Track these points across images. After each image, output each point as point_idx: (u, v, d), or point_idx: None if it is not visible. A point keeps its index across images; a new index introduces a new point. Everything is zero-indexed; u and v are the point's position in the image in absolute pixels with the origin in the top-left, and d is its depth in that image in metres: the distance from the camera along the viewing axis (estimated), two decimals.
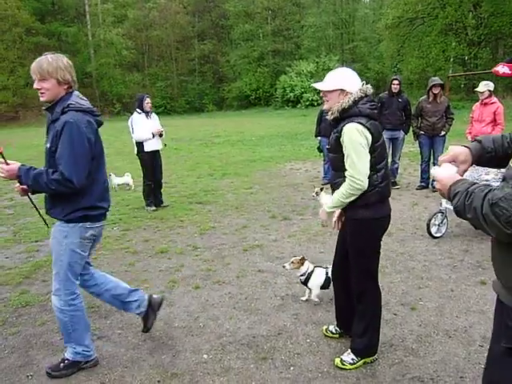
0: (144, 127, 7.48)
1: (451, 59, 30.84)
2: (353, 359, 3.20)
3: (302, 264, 4.16)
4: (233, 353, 3.43)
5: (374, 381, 3.04)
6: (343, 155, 2.94)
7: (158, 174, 7.81)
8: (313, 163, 11.78)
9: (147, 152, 7.54)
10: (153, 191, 7.78)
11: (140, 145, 7.56)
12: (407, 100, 8.63)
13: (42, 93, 2.93)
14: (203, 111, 44.97)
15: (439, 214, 5.87)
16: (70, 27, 45.69)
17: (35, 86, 2.92)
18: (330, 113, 3.06)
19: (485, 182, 4.74)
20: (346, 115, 2.95)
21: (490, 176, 5.52)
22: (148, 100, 7.66)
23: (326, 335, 3.62)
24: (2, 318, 4.13)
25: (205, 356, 3.40)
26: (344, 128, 2.90)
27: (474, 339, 3.52)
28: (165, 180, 10.22)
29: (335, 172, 3.14)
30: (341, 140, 2.93)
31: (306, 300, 4.24)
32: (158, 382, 3.13)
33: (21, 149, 19.49)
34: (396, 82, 8.47)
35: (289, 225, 6.64)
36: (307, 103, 35.75)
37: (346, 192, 2.93)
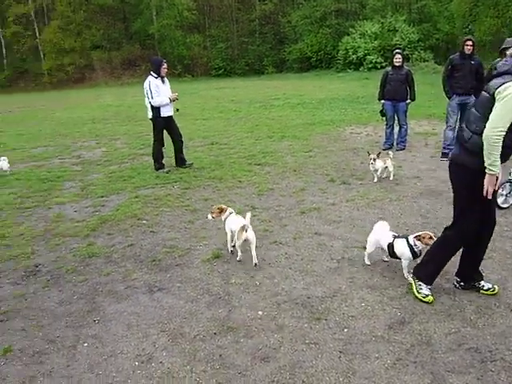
0: (162, 91, 7.55)
1: None
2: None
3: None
4: (287, 311, 3.49)
5: (429, 348, 3.00)
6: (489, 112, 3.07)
7: (177, 135, 7.98)
8: (374, 127, 11.44)
9: (163, 117, 7.64)
10: (177, 152, 8.06)
11: (156, 110, 7.59)
12: (480, 63, 8.03)
13: None
14: (263, 73, 44.45)
15: (507, 184, 5.57)
16: None
17: None
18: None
19: None
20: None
21: None
22: (165, 65, 7.65)
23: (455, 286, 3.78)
24: (71, 267, 4.40)
25: (260, 312, 3.48)
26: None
27: None
28: (224, 141, 10.38)
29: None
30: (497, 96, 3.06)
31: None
32: (215, 333, 3.25)
33: (87, 109, 20.27)
34: (470, 42, 7.88)
35: (347, 189, 6.54)
36: (370, 66, 34.40)
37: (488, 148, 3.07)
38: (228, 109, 17.28)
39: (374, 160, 6.68)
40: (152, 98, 7.46)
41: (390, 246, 3.94)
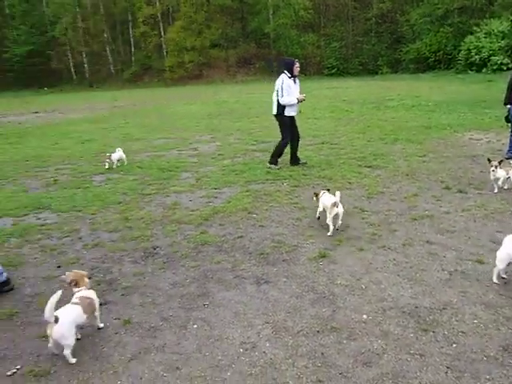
0: (292, 92, 7.75)
1: None
2: None
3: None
4: (393, 318, 3.42)
5: None
6: None
7: (296, 135, 8.21)
8: (497, 134, 10.62)
9: (288, 116, 7.91)
10: (294, 150, 8.25)
11: (281, 108, 7.85)
12: None
13: None
14: (377, 73, 43.26)
15: None
16: None
17: None
18: None
19: None
20: None
21: None
22: (297, 64, 7.80)
23: None
24: (185, 252, 4.71)
25: (364, 316, 3.46)
26: None
27: None
28: (334, 141, 10.33)
29: None
30: None
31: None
32: (318, 331, 3.29)
33: (204, 105, 21.30)
34: None
35: (464, 198, 6.18)
36: (495, 67, 31.86)
37: None
38: (340, 108, 17.11)
39: (496, 168, 6.24)
40: (282, 95, 7.75)
41: None
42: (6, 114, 22.13)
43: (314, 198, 5.50)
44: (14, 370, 3.02)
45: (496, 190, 6.36)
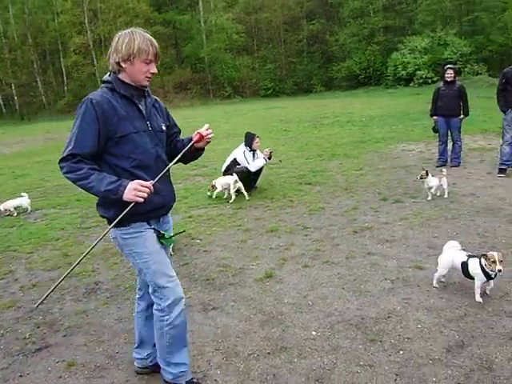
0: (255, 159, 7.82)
1: None
2: None
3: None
4: (341, 332, 3.46)
5: (491, 374, 2.88)
6: None
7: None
8: (427, 144, 11.20)
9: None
10: None
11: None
12: None
13: (149, 77, 2.63)
14: (311, 92, 44.65)
15: None
16: (184, 15, 47.89)
17: (155, 70, 2.61)
18: None
19: None
20: None
21: None
22: (257, 140, 7.82)
23: None
24: (129, 285, 4.58)
25: (313, 333, 3.47)
26: None
27: None
28: (273, 161, 10.46)
29: None
30: None
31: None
32: (268, 353, 3.27)
33: None
34: None
35: (400, 207, 6.43)
36: (421, 81, 33.86)
37: None
38: (277, 128, 17.43)
39: (422, 177, 6.61)
40: (248, 163, 7.68)
41: (465, 264, 3.83)
42: None
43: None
44: None
45: (429, 198, 6.67)
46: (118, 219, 2.51)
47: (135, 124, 2.58)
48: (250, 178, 7.81)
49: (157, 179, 2.55)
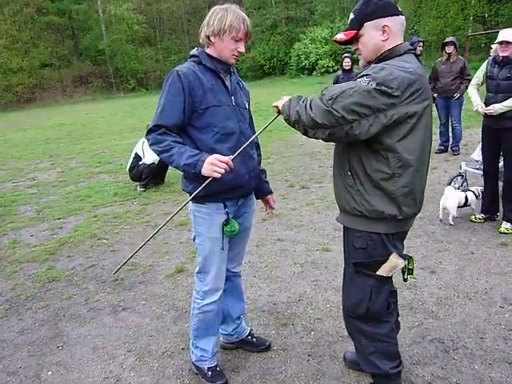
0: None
1: (470, 18, 29.67)
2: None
3: None
4: (254, 320, 3.50)
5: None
6: None
7: None
8: None
9: None
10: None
11: None
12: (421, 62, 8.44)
13: (237, 56, 2.57)
14: None
15: (459, 177, 5.79)
16: (80, 4, 45.34)
17: (243, 49, 2.55)
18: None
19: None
20: None
21: None
22: None
23: (473, 221, 5.13)
24: (30, 293, 4.27)
25: None
26: None
27: (495, 301, 3.52)
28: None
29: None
30: None
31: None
32: (182, 349, 3.22)
33: (42, 129, 19.72)
34: (421, 44, 8.42)
35: (307, 193, 6.63)
36: (323, 70, 35.07)
37: None
38: None
39: None
40: (144, 156, 7.44)
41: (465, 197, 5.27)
42: None
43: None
44: None
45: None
46: (194, 194, 2.44)
47: (219, 97, 2.53)
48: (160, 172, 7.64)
49: (236, 155, 2.44)
